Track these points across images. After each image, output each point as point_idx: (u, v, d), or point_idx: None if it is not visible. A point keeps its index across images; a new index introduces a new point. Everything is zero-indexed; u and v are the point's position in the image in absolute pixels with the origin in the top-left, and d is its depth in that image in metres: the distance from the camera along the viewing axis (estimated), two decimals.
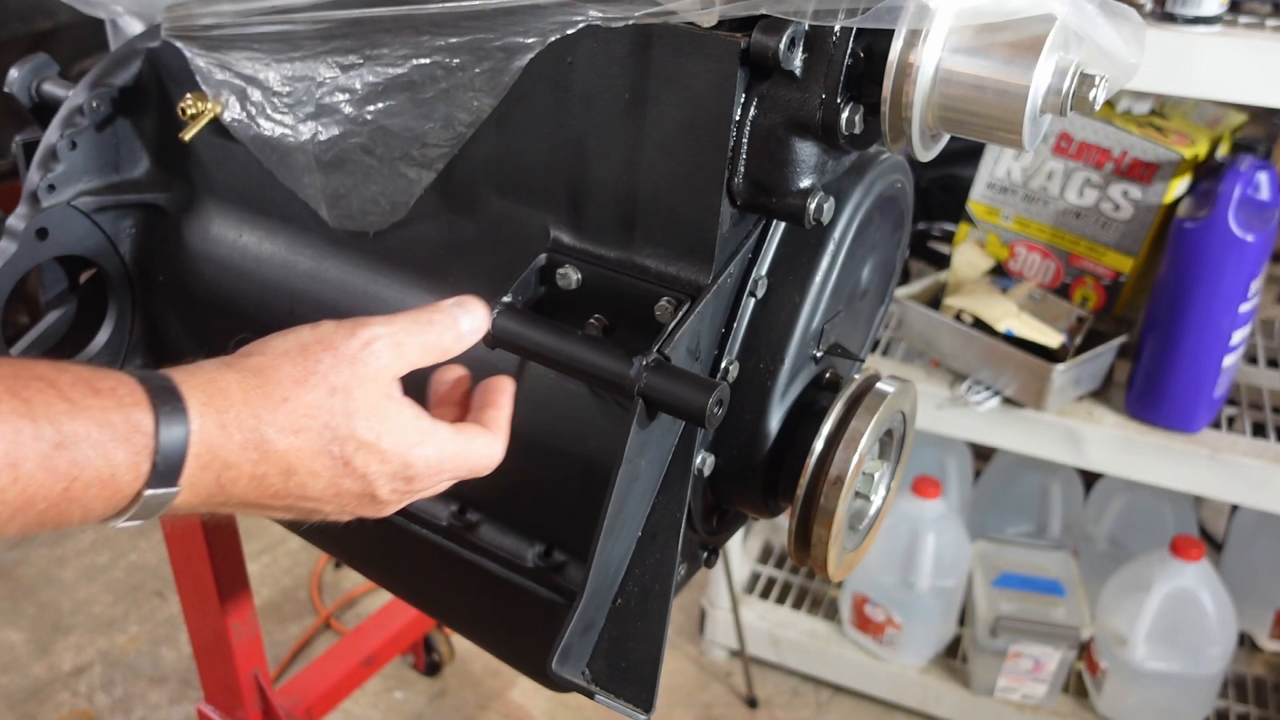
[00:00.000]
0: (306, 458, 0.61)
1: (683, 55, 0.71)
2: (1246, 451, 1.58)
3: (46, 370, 0.55)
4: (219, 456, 0.58)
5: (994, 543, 1.99)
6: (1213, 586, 1.76)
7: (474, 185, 0.84)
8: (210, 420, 0.58)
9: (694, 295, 0.75)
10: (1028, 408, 1.64)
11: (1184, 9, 1.37)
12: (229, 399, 0.59)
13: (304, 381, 0.61)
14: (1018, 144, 0.69)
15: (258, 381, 0.61)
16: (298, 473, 0.61)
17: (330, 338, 0.64)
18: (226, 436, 0.58)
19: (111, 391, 0.56)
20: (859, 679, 2.01)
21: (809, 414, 0.82)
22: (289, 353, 0.63)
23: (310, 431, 0.61)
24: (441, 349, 0.68)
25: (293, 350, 0.63)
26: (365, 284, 0.90)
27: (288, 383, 0.61)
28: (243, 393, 0.60)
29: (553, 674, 0.74)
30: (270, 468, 0.60)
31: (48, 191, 0.94)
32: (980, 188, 1.75)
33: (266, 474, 0.60)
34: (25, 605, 2.18)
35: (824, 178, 0.76)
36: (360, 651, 1.73)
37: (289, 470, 0.61)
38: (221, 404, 0.59)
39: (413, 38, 0.80)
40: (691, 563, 0.92)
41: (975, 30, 0.67)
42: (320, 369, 0.62)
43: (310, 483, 0.62)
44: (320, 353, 0.63)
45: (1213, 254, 1.48)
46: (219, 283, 0.97)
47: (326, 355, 0.63)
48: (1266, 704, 1.95)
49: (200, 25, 0.89)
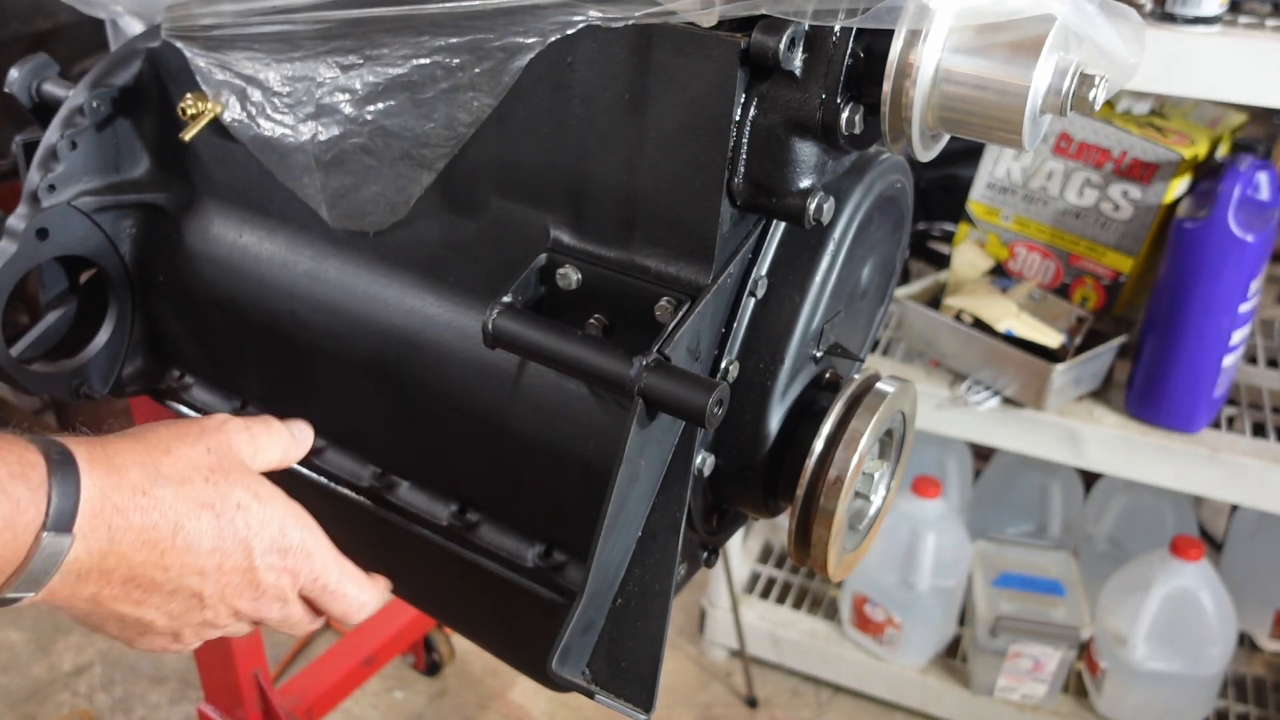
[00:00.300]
0: (192, 512, 0.62)
1: (683, 55, 0.71)
2: (1246, 451, 1.58)
3: None
4: (110, 499, 0.58)
5: (994, 543, 1.99)
6: (1213, 586, 1.76)
7: (474, 185, 0.84)
8: (99, 465, 0.58)
9: (694, 295, 0.75)
10: (1028, 408, 1.64)
11: (1184, 9, 1.37)
12: (115, 448, 0.60)
13: (182, 438, 0.65)
14: (1018, 144, 0.69)
15: (139, 437, 0.63)
16: (184, 529, 0.61)
17: (189, 422, 0.69)
18: (118, 478, 0.59)
19: (1, 439, 0.56)
20: (859, 679, 2.01)
21: (809, 414, 0.82)
22: (159, 425, 0.66)
23: (192, 484, 0.63)
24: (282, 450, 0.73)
25: (161, 425, 0.67)
26: (365, 284, 0.90)
27: (168, 438, 0.64)
28: (128, 444, 0.62)
29: (553, 674, 0.74)
30: (160, 516, 0.60)
31: (48, 191, 0.94)
32: (980, 188, 1.75)
33: (156, 524, 0.60)
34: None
35: (824, 178, 0.76)
36: (360, 651, 1.73)
37: (176, 525, 0.61)
38: (109, 452, 0.60)
39: (413, 38, 0.80)
40: (691, 563, 0.92)
41: (975, 30, 0.67)
42: (193, 431, 0.66)
43: (196, 543, 0.62)
44: (188, 425, 0.67)
45: (1212, 254, 1.48)
46: (219, 283, 0.97)
47: (194, 426, 0.67)
48: (1266, 704, 1.95)
49: (200, 25, 0.89)
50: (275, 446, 0.72)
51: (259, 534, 0.65)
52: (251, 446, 0.69)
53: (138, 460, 0.60)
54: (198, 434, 0.66)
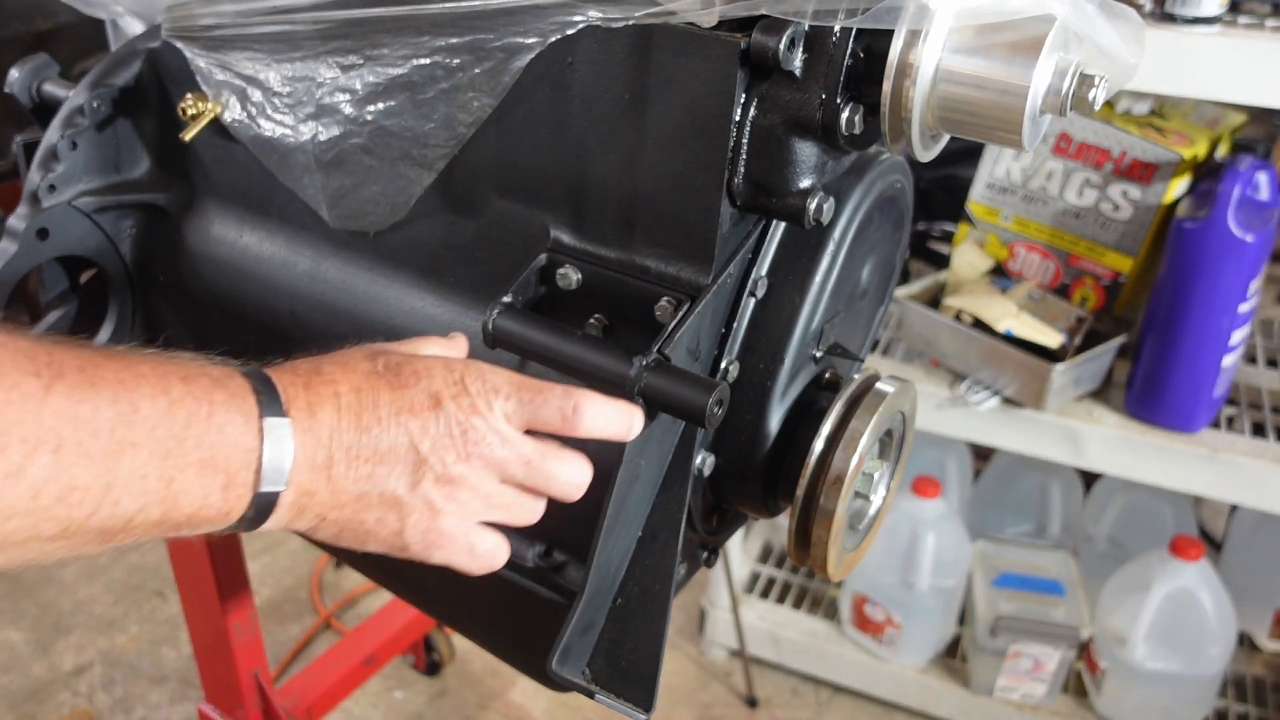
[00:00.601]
0: (365, 379, 0.63)
1: (683, 55, 0.71)
2: (1246, 451, 1.58)
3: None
4: (298, 380, 0.61)
5: (994, 543, 1.99)
6: (1212, 586, 1.76)
7: (474, 185, 0.84)
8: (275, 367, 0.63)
9: (694, 295, 0.75)
10: (1027, 408, 1.64)
11: (1184, 9, 1.37)
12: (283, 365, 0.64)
13: (342, 350, 0.67)
14: (1017, 144, 0.69)
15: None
16: (363, 390, 0.62)
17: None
18: (291, 368, 0.62)
19: (189, 363, 0.60)
20: (859, 679, 2.01)
21: (809, 414, 0.82)
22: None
23: (356, 364, 0.64)
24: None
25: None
26: (365, 284, 0.90)
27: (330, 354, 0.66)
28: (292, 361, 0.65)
29: (553, 674, 0.74)
30: (342, 386, 0.62)
31: (48, 192, 0.94)
32: (980, 188, 1.75)
33: (339, 393, 0.62)
34: (26, 605, 2.18)
35: (824, 178, 0.76)
36: (360, 651, 1.73)
37: (357, 389, 0.62)
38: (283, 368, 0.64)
39: (413, 38, 0.80)
40: (691, 563, 0.92)
41: (975, 30, 0.67)
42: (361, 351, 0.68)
43: (381, 400, 0.62)
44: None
45: (1212, 254, 1.48)
46: (219, 283, 0.97)
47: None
48: (1266, 704, 1.95)
49: (200, 25, 0.89)
50: (430, 345, 0.70)
51: (431, 376, 0.64)
52: (407, 345, 0.69)
53: (304, 360, 0.64)
54: (354, 346, 0.68)
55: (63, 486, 0.50)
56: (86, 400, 0.51)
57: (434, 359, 0.65)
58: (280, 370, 0.62)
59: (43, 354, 0.51)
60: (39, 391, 0.49)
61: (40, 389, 0.50)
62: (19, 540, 0.50)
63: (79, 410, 0.51)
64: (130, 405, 0.53)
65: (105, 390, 0.52)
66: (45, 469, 0.49)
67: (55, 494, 0.50)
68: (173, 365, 0.57)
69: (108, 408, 0.52)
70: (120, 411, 0.52)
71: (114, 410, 0.52)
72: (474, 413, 0.63)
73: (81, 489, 0.51)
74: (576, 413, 0.64)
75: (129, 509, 0.54)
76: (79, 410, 0.51)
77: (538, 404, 0.64)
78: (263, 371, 0.61)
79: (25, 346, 0.51)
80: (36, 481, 0.49)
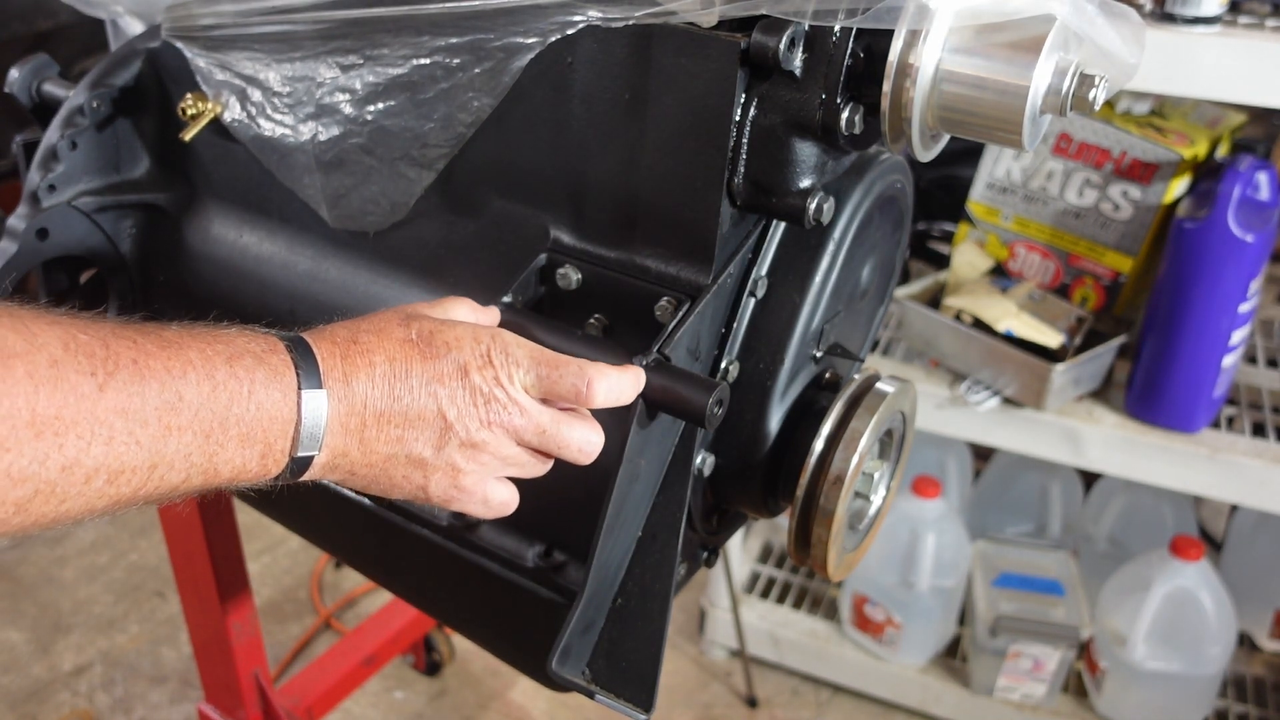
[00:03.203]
0: (397, 348, 0.68)
1: (683, 55, 0.71)
2: (1246, 451, 1.58)
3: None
4: (336, 351, 0.66)
5: (994, 543, 1.99)
6: (1212, 586, 1.76)
7: (474, 185, 0.84)
8: (314, 333, 0.67)
9: (694, 295, 0.75)
10: (1027, 408, 1.64)
11: (1184, 9, 1.37)
12: (321, 328, 0.69)
13: (378, 314, 0.71)
14: (1018, 144, 0.69)
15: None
16: (396, 359, 0.67)
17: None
18: (329, 336, 0.67)
19: (239, 334, 0.64)
20: (859, 679, 2.01)
21: (809, 414, 0.82)
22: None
23: (390, 330, 0.68)
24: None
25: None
26: (365, 284, 0.90)
27: (366, 318, 0.71)
28: (331, 325, 0.69)
29: (553, 674, 0.74)
30: (376, 354, 0.66)
31: (48, 192, 0.94)
32: (980, 188, 1.75)
33: (374, 362, 0.66)
34: (26, 605, 2.18)
35: (824, 178, 0.76)
36: (360, 651, 1.73)
37: (390, 358, 0.67)
38: (315, 330, 0.68)
39: (413, 38, 0.80)
40: (691, 562, 0.92)
41: (975, 30, 0.67)
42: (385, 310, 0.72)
43: (411, 369, 0.67)
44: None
45: (1212, 254, 1.48)
46: (219, 283, 0.97)
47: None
48: (1266, 704, 1.95)
49: (200, 25, 0.89)
50: (462, 309, 0.74)
51: (460, 348, 0.68)
52: (440, 309, 0.73)
53: (342, 326, 0.68)
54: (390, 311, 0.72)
55: (113, 470, 0.56)
56: (136, 393, 0.56)
57: (464, 329, 0.70)
58: (320, 337, 0.66)
59: (99, 349, 0.56)
60: (94, 391, 0.55)
61: (95, 389, 0.55)
62: (74, 517, 0.57)
63: (129, 403, 0.56)
64: (176, 394, 0.58)
65: (153, 381, 0.57)
66: (98, 459, 0.55)
67: (106, 477, 0.56)
68: (220, 344, 0.61)
69: (155, 397, 0.57)
70: (167, 400, 0.57)
71: (161, 399, 0.57)
72: (497, 384, 0.68)
73: (130, 470, 0.57)
74: (590, 388, 0.69)
75: (173, 481, 0.59)
76: (129, 403, 0.56)
77: (555, 378, 0.69)
78: (305, 342, 0.65)
79: (84, 344, 0.55)
80: (89, 470, 0.55)
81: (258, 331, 0.64)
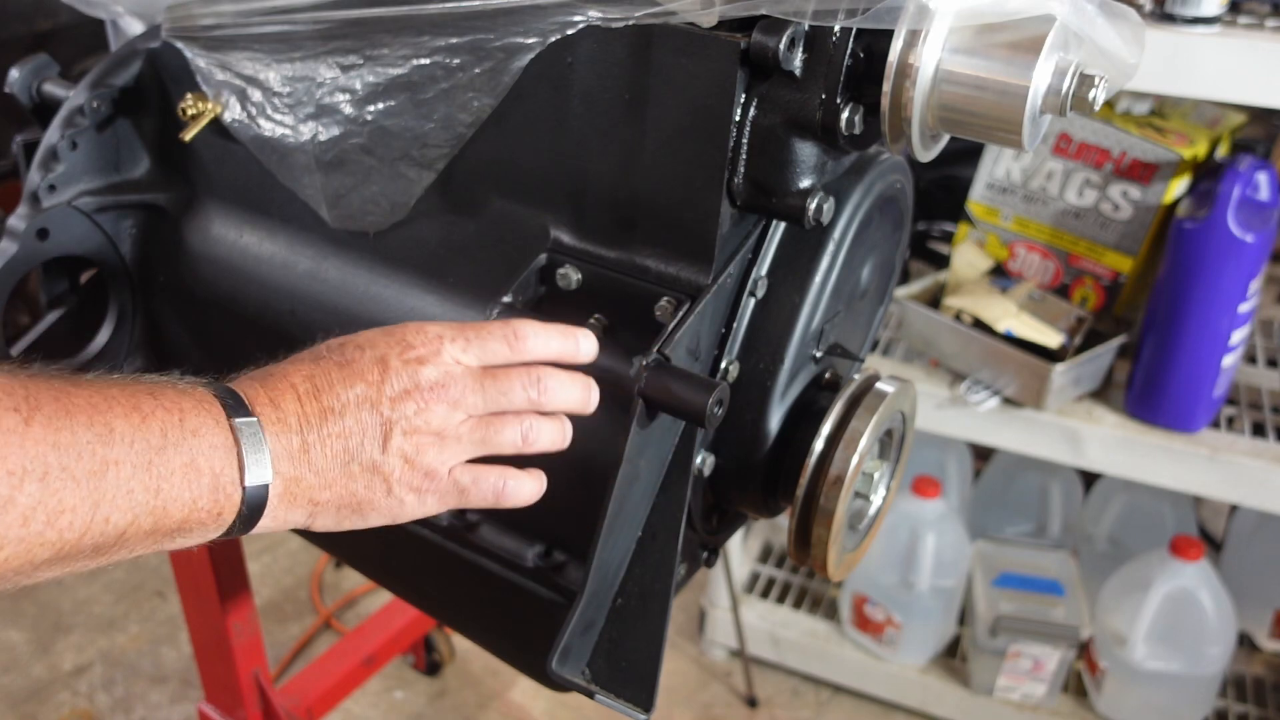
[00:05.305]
0: (318, 353, 0.67)
1: (683, 56, 0.71)
2: (1246, 451, 1.58)
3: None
4: (255, 375, 0.65)
5: (994, 543, 1.99)
6: (1212, 586, 1.76)
7: (474, 185, 0.84)
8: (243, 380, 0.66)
9: (694, 295, 0.75)
10: (1027, 408, 1.64)
11: (1183, 9, 1.37)
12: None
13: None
14: (1018, 144, 0.69)
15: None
16: (319, 362, 0.66)
17: None
18: (259, 374, 0.65)
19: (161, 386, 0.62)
20: (859, 679, 2.01)
21: (809, 414, 0.82)
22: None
23: (316, 350, 0.68)
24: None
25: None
26: (365, 284, 0.90)
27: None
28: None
29: (553, 674, 0.74)
30: (293, 365, 0.66)
31: (48, 192, 0.94)
32: (980, 188, 1.75)
33: (287, 373, 0.65)
34: (25, 605, 2.18)
35: (824, 178, 0.76)
36: (360, 651, 1.73)
37: (314, 360, 0.66)
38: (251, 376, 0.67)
39: (413, 38, 0.80)
40: (691, 562, 0.92)
41: (975, 30, 0.67)
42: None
43: (332, 368, 0.66)
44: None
45: (1212, 254, 1.48)
46: (219, 283, 0.97)
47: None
48: (1266, 704, 1.95)
49: (200, 26, 0.90)
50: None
51: (374, 345, 0.67)
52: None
53: (252, 372, 0.67)
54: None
55: (51, 510, 0.52)
56: (65, 427, 0.53)
57: (372, 331, 0.69)
58: (234, 380, 0.65)
59: (19, 389, 0.53)
60: (19, 425, 0.52)
61: (20, 422, 0.52)
62: (15, 567, 0.53)
63: (59, 437, 0.53)
64: (106, 426, 0.55)
65: (80, 415, 0.54)
66: (33, 496, 0.52)
67: (45, 518, 0.52)
68: (140, 385, 0.60)
69: (85, 430, 0.54)
70: (97, 433, 0.55)
71: (91, 432, 0.54)
72: (421, 363, 0.67)
73: (70, 510, 0.53)
74: (519, 337, 0.68)
75: (120, 523, 0.56)
76: (59, 437, 0.53)
77: (483, 339, 0.68)
78: (219, 382, 0.64)
79: (2, 383, 0.53)
80: (25, 509, 0.51)
81: (172, 378, 0.62)
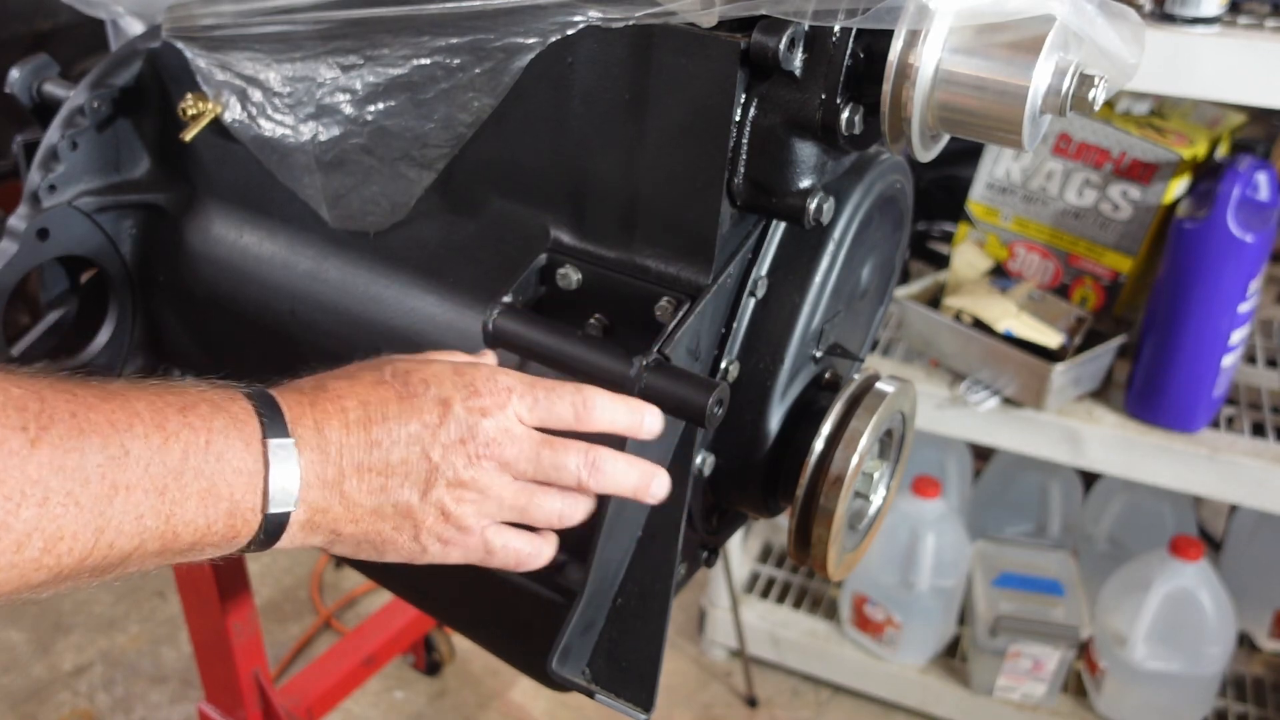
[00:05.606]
0: (369, 388, 0.63)
1: (683, 56, 0.71)
2: (1246, 451, 1.58)
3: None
4: (303, 400, 0.61)
5: (994, 543, 1.99)
6: (1212, 586, 1.76)
7: (474, 185, 0.84)
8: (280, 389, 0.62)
9: (694, 295, 0.75)
10: (1027, 408, 1.64)
11: (1183, 9, 1.37)
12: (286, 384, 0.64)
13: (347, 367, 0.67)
14: (1017, 144, 0.69)
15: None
16: (370, 402, 0.62)
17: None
18: (297, 388, 0.62)
19: (200, 391, 0.60)
20: (859, 678, 2.01)
21: (809, 414, 0.82)
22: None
23: (360, 376, 0.64)
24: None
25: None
26: (365, 284, 0.90)
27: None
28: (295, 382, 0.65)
29: (553, 674, 0.74)
30: (347, 401, 0.61)
31: (49, 192, 0.94)
32: (980, 188, 1.75)
33: (346, 408, 0.61)
34: (26, 605, 2.18)
35: (824, 178, 0.76)
36: (360, 651, 1.73)
37: (364, 401, 0.62)
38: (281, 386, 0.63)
39: (413, 38, 0.80)
40: (691, 562, 0.92)
41: (975, 31, 0.67)
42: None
43: (388, 412, 0.62)
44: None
45: (1212, 254, 1.49)
46: (219, 283, 0.97)
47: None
48: (1266, 704, 1.95)
49: (201, 26, 0.90)
50: (452, 357, 0.70)
51: (440, 383, 0.63)
52: (422, 357, 0.69)
53: (308, 378, 0.64)
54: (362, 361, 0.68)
55: (49, 536, 0.50)
56: (75, 449, 0.51)
57: (442, 365, 0.65)
58: (285, 389, 0.62)
59: (33, 403, 0.51)
60: (24, 446, 0.49)
61: (26, 443, 0.49)
62: (9, 590, 0.51)
63: (66, 460, 0.50)
64: (121, 448, 0.52)
65: (94, 436, 0.52)
66: (30, 522, 0.49)
67: (42, 544, 0.50)
68: (171, 396, 0.56)
69: (97, 453, 0.51)
70: (110, 455, 0.52)
71: (104, 454, 0.52)
72: (484, 414, 0.63)
73: (70, 536, 0.51)
74: (587, 407, 0.64)
75: (125, 548, 0.54)
76: (66, 460, 0.50)
77: (551, 400, 0.64)
78: (266, 392, 0.60)
79: (16, 397, 0.50)
80: (20, 535, 0.49)
81: (215, 383, 0.59)
